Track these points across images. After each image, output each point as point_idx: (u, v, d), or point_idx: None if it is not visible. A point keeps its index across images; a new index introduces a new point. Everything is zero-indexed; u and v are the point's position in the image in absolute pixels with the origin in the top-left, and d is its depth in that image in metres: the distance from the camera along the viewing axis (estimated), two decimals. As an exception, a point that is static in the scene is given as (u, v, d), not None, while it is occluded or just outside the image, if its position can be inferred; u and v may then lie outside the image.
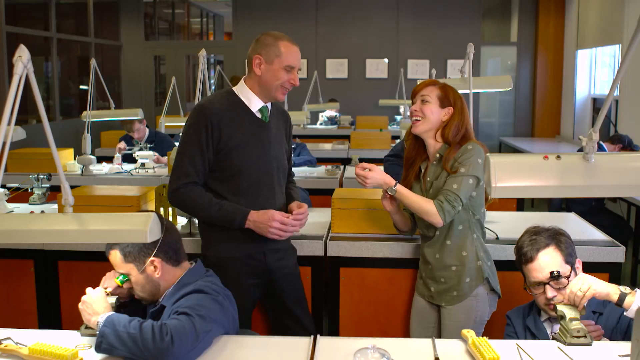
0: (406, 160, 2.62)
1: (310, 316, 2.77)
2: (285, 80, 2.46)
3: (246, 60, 2.55)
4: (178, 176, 2.45)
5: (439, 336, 2.53)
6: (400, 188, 2.44)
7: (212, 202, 2.44)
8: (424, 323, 2.64)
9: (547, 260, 2.11)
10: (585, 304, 1.96)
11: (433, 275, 2.54)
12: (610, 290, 1.93)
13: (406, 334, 2.80)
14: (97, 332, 1.84)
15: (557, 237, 2.15)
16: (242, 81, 2.55)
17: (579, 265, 2.18)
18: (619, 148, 5.11)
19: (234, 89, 2.56)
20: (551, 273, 2.08)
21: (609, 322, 2.07)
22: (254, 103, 2.52)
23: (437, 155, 2.49)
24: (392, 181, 2.44)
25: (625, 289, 1.92)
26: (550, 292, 2.10)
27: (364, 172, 2.42)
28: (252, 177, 2.50)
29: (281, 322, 2.69)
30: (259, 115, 2.53)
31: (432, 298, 2.58)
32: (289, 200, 2.70)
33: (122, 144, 5.43)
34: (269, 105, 2.57)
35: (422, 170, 2.56)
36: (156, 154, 5.13)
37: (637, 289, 1.93)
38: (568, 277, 2.09)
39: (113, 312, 1.92)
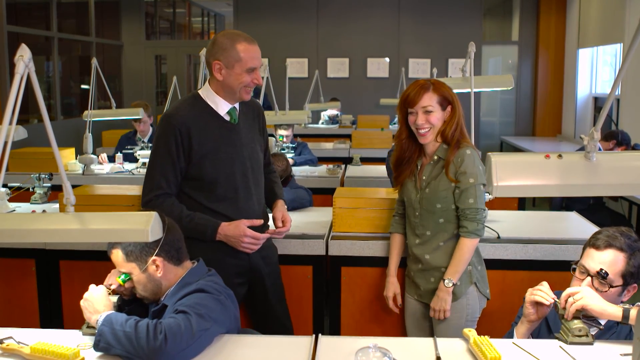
0: (400, 159, 2.56)
1: (289, 316, 2.74)
2: (249, 82, 2.42)
3: (205, 63, 2.50)
4: (150, 188, 2.44)
5: (433, 334, 2.53)
6: (451, 276, 2.42)
7: (183, 215, 2.42)
8: (417, 323, 2.63)
9: (608, 260, 2.01)
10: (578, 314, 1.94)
11: (422, 275, 2.53)
12: (609, 309, 1.88)
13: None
14: (96, 331, 1.86)
15: (635, 251, 2.03)
16: (207, 84, 2.50)
17: (631, 290, 2.06)
18: (614, 144, 5.05)
19: (200, 92, 2.51)
20: (600, 269, 2.00)
21: (623, 327, 2.01)
22: (221, 107, 2.48)
23: (435, 157, 2.47)
24: (449, 284, 2.42)
25: (628, 305, 1.89)
26: (586, 284, 2.02)
27: (441, 317, 2.46)
28: (228, 183, 2.47)
29: (262, 322, 2.66)
30: (227, 118, 2.49)
31: (421, 297, 2.57)
32: (272, 197, 2.68)
33: (104, 156, 5.33)
34: (236, 105, 2.52)
35: (418, 168, 2.54)
36: None
37: (639, 303, 1.92)
38: (612, 287, 2.00)
39: (112, 311, 1.93)
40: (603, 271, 1.99)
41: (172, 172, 2.41)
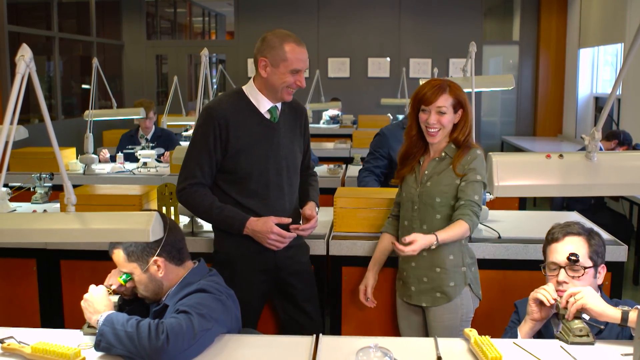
0: (407, 153, 2.57)
1: (320, 313, 2.77)
2: (292, 82, 2.46)
3: (252, 59, 2.54)
4: (185, 177, 2.49)
5: (427, 336, 2.52)
6: (441, 237, 2.34)
7: (214, 205, 2.47)
8: (411, 325, 2.62)
9: (571, 247, 2.06)
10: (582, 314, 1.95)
11: (416, 274, 2.51)
12: (608, 311, 1.89)
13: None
14: (97, 331, 1.86)
15: (590, 233, 2.10)
16: (251, 81, 2.55)
17: (601, 271, 2.10)
18: (616, 144, 5.04)
19: (244, 88, 2.55)
20: (571, 254, 2.03)
21: (614, 327, 2.03)
22: (263, 104, 2.52)
23: (443, 153, 2.49)
24: (433, 238, 2.33)
25: (627, 308, 1.89)
26: (562, 276, 2.04)
27: (407, 248, 2.29)
28: (261, 180, 2.50)
29: (291, 318, 2.69)
30: (267, 116, 2.53)
31: (410, 298, 2.54)
32: (304, 198, 2.70)
33: (105, 152, 5.40)
34: (278, 105, 2.56)
35: (420, 164, 2.54)
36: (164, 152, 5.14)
37: (638, 306, 1.92)
38: (586, 268, 2.04)
39: (113, 311, 1.94)
40: (573, 256, 2.04)
41: (208, 163, 2.46)
